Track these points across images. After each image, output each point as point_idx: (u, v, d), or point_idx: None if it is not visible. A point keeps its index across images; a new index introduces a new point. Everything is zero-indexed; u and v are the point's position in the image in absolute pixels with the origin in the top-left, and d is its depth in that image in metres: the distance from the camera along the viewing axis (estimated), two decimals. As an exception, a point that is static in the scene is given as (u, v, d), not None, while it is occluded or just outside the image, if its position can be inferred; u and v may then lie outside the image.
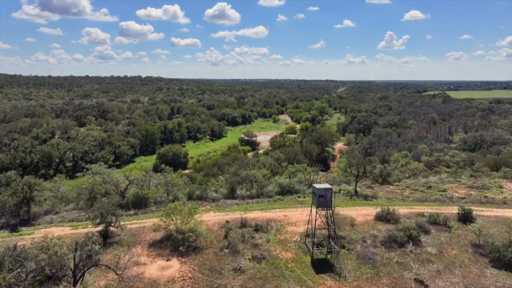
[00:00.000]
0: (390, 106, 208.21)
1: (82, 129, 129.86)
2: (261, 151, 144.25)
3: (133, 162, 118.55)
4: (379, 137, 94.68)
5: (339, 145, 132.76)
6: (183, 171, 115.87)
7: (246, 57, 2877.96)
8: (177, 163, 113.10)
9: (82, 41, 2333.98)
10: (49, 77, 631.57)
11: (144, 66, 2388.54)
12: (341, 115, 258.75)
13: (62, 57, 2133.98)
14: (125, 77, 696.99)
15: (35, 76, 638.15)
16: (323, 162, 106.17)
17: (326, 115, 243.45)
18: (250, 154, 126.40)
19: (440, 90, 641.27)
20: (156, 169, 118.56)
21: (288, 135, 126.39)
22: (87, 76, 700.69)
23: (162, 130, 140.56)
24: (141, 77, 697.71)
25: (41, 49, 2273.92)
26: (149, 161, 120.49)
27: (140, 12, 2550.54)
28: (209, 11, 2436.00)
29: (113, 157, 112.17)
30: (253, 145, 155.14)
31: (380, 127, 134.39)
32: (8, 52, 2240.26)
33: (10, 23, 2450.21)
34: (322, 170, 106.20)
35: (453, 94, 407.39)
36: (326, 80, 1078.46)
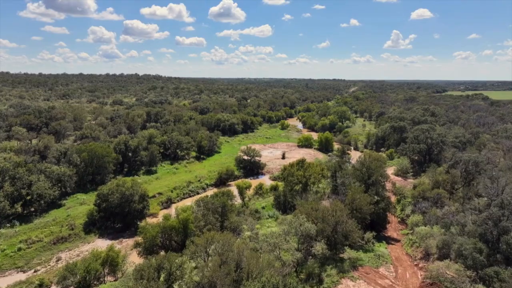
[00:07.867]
0: (432, 112, 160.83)
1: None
2: (267, 180, 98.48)
3: (60, 206, 72.94)
4: (490, 178, 47.98)
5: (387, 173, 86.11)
6: (142, 225, 70.28)
7: (251, 56, 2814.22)
8: (128, 211, 67.36)
9: (88, 40, 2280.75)
10: (40, 75, 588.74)
11: (149, 65, 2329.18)
12: (364, 120, 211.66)
13: (67, 56, 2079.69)
14: (121, 75, 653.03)
15: (24, 73, 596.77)
16: (377, 217, 60.03)
17: (347, 121, 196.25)
18: (250, 192, 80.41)
19: (458, 90, 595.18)
20: (93, 222, 74.10)
21: (311, 162, 79.99)
22: (81, 74, 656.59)
23: (122, 149, 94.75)
24: (138, 75, 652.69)
25: (47, 48, 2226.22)
26: (89, 202, 74.91)
27: (145, 11, 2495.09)
28: (214, 9, 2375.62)
29: (21, 201, 66.99)
30: (256, 168, 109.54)
31: (449, 147, 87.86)
32: (15, 50, 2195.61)
33: (16, 22, 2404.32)
34: (376, 236, 60.16)
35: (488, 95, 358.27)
36: (334, 79, 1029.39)
